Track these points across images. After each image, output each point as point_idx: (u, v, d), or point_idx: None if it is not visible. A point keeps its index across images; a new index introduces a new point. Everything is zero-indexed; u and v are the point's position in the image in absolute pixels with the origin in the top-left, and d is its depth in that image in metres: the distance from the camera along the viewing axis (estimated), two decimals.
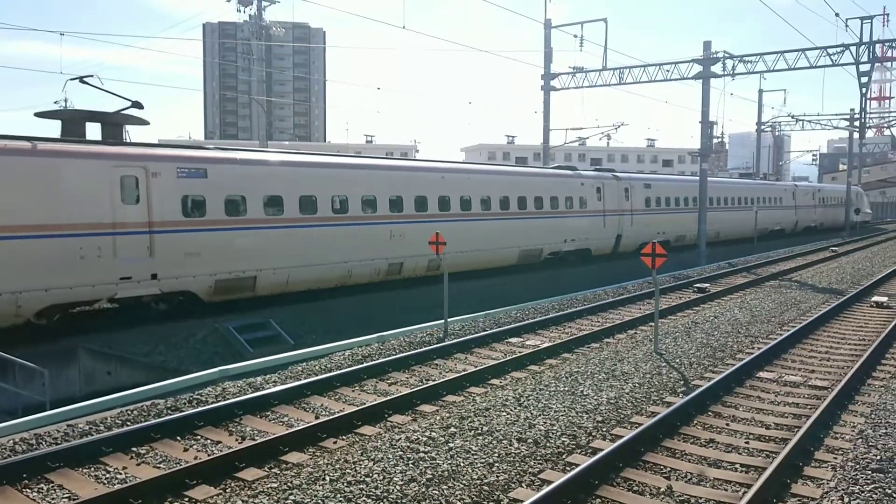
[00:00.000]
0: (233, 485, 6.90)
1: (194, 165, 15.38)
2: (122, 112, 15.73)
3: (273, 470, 7.25)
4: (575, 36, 31.29)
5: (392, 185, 19.61)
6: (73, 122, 15.10)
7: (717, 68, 29.74)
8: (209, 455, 7.58)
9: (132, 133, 16.09)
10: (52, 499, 6.58)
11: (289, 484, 6.79)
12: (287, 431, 8.03)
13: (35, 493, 6.67)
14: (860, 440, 8.01)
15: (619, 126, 41.45)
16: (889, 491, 6.62)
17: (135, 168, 14.41)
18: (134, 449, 7.75)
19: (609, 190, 28.37)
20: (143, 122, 16.10)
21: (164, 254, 14.61)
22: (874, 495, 6.53)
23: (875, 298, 18.24)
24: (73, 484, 6.90)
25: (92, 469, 7.26)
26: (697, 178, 31.56)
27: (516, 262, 23.77)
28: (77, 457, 7.39)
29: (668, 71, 31.13)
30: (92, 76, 15.89)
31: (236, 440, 8.11)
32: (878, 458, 7.42)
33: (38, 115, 15.39)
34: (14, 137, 13.38)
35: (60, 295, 13.41)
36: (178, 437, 8.14)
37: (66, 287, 13.36)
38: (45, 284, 13.09)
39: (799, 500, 6.67)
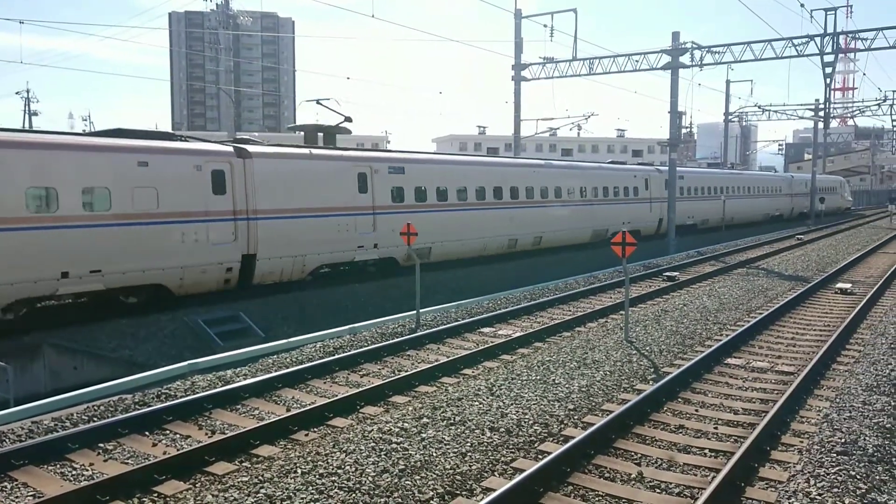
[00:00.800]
0: (203, 479, 6.82)
1: (398, 164, 20.46)
2: (339, 125, 21.54)
3: (244, 464, 7.18)
4: (545, 26, 31.31)
5: (511, 178, 24.62)
6: (310, 133, 21.35)
7: (685, 59, 30.03)
8: (178, 450, 7.47)
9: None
10: (17, 497, 6.44)
11: (260, 477, 6.73)
12: (258, 425, 7.94)
13: None
14: (825, 424, 8.16)
15: (589, 116, 41.64)
16: (853, 473, 6.76)
17: (365, 167, 19.32)
18: (101, 445, 7.62)
19: (653, 181, 33.69)
20: (348, 132, 22.13)
21: (381, 229, 19.48)
22: (839, 477, 6.66)
23: (839, 285, 18.60)
24: (37, 481, 6.76)
25: (58, 466, 7.12)
26: (723, 171, 38.44)
27: (589, 240, 28.83)
28: (42, 454, 7.24)
29: (637, 61, 31.33)
30: (328, 99, 22.01)
31: (206, 434, 8.01)
32: (843, 441, 7.57)
33: (290, 128, 22.59)
34: (285, 145, 18.70)
35: (326, 258, 18.29)
36: (147, 433, 8.02)
37: (329, 252, 18.24)
38: (319, 250, 17.94)
39: (766, 483, 6.78)
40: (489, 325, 13.91)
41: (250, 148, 16.90)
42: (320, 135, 21.28)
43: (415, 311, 14.25)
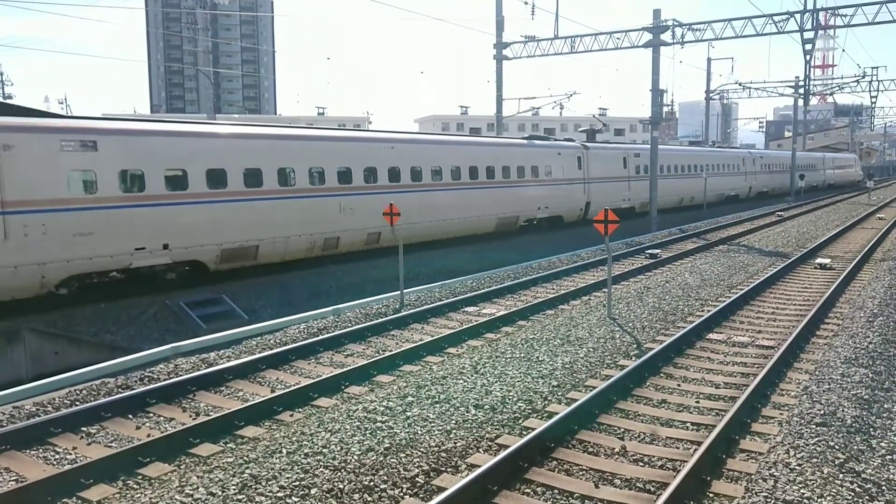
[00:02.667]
0: (187, 461, 6.80)
1: (637, 152, 34.07)
2: (599, 129, 35.92)
3: (228, 444, 7.17)
4: (526, 3, 31.11)
5: (684, 160, 39.27)
6: (587, 133, 34.11)
7: (666, 37, 29.94)
8: (162, 432, 7.45)
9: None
10: None
11: (245, 458, 6.72)
12: (242, 406, 7.93)
13: None
14: (805, 396, 8.28)
15: (571, 95, 41.45)
16: (832, 443, 6.86)
17: (626, 154, 33.41)
18: (84, 429, 7.58)
19: (747, 159, 49.71)
20: (600, 132, 36.13)
21: (591, 193, 30.33)
22: (818, 448, 6.76)
23: (818, 260, 18.81)
24: (20, 466, 6.72)
25: (40, 450, 7.08)
26: (788, 152, 53.54)
27: (715, 200, 43.35)
28: (24, 439, 7.19)
29: (618, 39, 31.22)
30: (604, 106, 39.32)
31: (190, 416, 7.99)
32: (822, 412, 7.69)
33: (581, 131, 35.54)
34: (541, 137, 30.91)
35: (611, 205, 28.44)
36: (130, 416, 7.98)
37: (613, 202, 30.61)
38: (610, 200, 30.29)
39: (747, 455, 6.88)
40: (473, 305, 13.93)
41: (588, 144, 31.00)
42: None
43: (399, 292, 14.25)
